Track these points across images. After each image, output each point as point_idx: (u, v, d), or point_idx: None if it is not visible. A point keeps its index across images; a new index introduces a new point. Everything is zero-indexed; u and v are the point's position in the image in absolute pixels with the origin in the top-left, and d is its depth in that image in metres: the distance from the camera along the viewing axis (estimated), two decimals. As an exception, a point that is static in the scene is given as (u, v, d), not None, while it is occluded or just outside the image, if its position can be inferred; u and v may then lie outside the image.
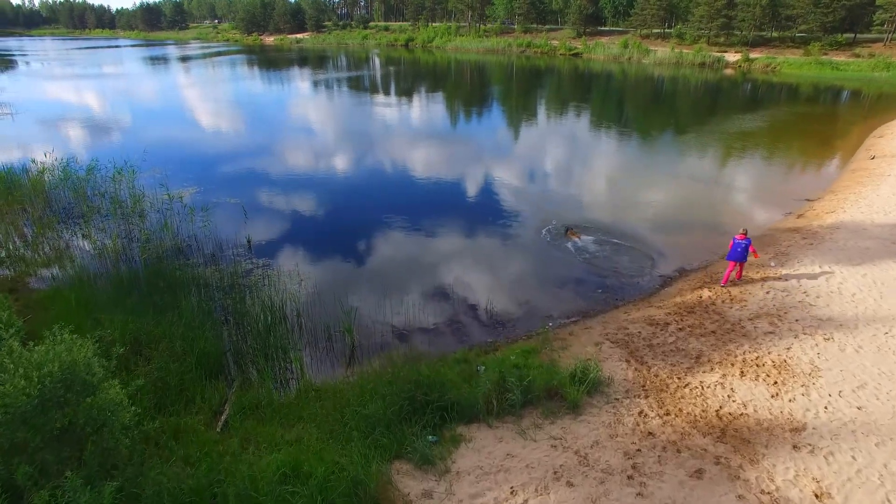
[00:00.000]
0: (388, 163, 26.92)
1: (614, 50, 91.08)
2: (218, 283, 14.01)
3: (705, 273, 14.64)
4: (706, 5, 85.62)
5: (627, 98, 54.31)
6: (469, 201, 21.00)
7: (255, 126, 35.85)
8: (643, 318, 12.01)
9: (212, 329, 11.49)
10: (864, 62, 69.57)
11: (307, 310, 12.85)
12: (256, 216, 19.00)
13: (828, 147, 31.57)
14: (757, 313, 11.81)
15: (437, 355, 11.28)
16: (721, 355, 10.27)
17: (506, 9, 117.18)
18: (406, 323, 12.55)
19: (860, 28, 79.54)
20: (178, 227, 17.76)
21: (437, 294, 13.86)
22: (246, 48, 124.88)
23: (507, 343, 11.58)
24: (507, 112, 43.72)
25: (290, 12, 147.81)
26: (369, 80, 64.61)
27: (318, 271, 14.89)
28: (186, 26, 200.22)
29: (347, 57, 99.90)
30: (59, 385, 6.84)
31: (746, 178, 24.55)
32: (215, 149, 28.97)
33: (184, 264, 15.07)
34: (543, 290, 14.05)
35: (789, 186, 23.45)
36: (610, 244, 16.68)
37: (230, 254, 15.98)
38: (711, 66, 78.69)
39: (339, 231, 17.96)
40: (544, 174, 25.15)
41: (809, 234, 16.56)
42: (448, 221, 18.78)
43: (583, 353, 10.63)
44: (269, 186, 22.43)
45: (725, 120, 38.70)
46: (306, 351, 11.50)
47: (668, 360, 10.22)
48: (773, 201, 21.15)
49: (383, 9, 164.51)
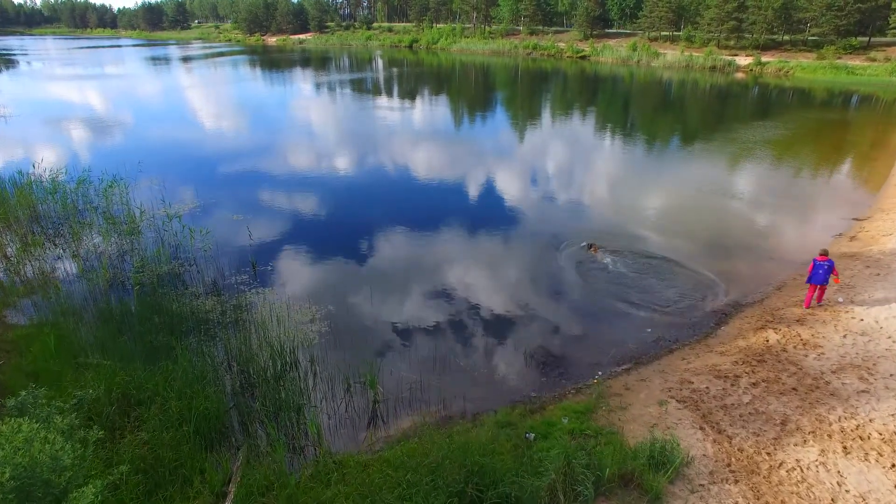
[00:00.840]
0: (401, 177, 25.37)
1: (622, 53, 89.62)
2: (220, 319, 12.46)
3: (763, 309, 13.08)
4: (716, 8, 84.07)
5: (639, 103, 52.74)
6: (490, 219, 19.40)
7: (259, 133, 34.33)
8: (707, 369, 10.46)
9: (213, 380, 9.95)
10: (880, 66, 67.95)
11: (321, 354, 11.29)
12: (262, 236, 17.44)
13: (860, 157, 30.02)
14: (840, 364, 10.25)
15: (473, 413, 9.76)
16: (812, 422, 8.72)
17: (511, 10, 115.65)
18: (432, 370, 11.00)
19: (874, 31, 77.91)
20: (176, 248, 16.23)
21: (464, 336, 12.30)
22: (248, 49, 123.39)
23: (554, 399, 10.02)
24: (519, 118, 42.16)
25: (293, 13, 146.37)
26: (376, 83, 63.08)
27: (331, 305, 13.29)
28: (188, 26, 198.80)
29: (351, 58, 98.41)
30: (12, 497, 5.30)
31: (782, 193, 22.97)
32: (217, 158, 27.41)
33: (181, 294, 13.53)
34: (585, 330, 12.49)
35: (831, 203, 21.89)
36: (647, 270, 15.16)
37: (233, 281, 14.43)
38: (722, 69, 77.22)
39: (353, 256, 16.40)
40: (564, 186, 23.57)
41: (872, 261, 15.01)
42: (468, 245, 17.25)
43: (647, 416, 9.09)
44: (275, 202, 20.87)
45: (745, 127, 37.11)
46: (322, 407, 9.94)
47: (749, 428, 8.67)
48: (818, 220, 19.61)
49: (386, 10, 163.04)
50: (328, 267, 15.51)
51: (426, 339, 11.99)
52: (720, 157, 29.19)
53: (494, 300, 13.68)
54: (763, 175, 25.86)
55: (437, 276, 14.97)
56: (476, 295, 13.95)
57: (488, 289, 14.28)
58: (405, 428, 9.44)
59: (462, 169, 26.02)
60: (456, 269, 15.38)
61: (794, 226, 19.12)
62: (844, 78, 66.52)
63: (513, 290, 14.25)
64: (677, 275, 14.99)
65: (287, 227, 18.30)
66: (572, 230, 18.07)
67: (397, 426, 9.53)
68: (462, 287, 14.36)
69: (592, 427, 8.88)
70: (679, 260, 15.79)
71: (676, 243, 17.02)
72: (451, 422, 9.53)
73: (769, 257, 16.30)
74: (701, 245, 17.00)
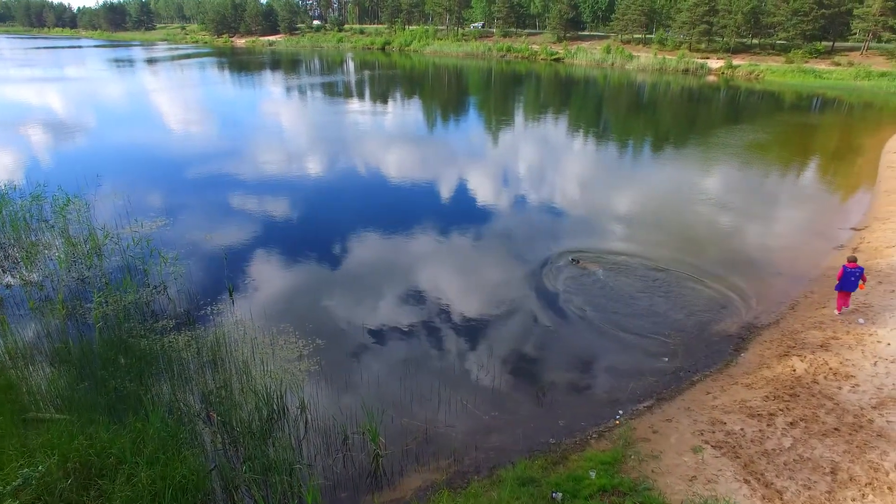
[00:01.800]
0: (384, 187, 24.15)
1: (596, 55, 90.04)
2: (195, 359, 11.11)
3: (781, 332, 12.38)
4: (688, 11, 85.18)
5: (615, 106, 52.60)
6: (474, 236, 18.39)
7: (229, 141, 32.63)
8: (737, 405, 9.63)
9: (190, 438, 8.67)
10: (845, 70, 69.62)
11: (313, 398, 10.06)
12: (238, 258, 16.05)
13: (843, 163, 30.08)
14: (879, 398, 9.54)
15: (488, 467, 8.70)
16: (865, 471, 7.94)
17: (484, 12, 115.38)
18: (437, 415, 9.89)
19: (836, 37, 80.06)
20: (144, 273, 14.73)
21: (468, 375, 11.23)
22: (216, 51, 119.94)
23: (576, 446, 9.03)
24: (494, 122, 41.35)
25: (262, 14, 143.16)
26: (348, 86, 61.58)
27: (320, 339, 12.02)
28: (153, 27, 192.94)
29: (323, 61, 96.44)
30: None
31: (773, 202, 22.63)
32: (186, 169, 25.68)
33: (150, 329, 12.13)
34: (597, 362, 11.55)
35: (824, 212, 21.59)
36: (649, 288, 14.38)
37: (209, 311, 13.05)
38: (695, 72, 78.13)
39: (340, 280, 15.17)
40: (547, 195, 22.68)
41: (883, 276, 14.51)
42: (456, 268, 16.20)
43: (682, 467, 8.18)
44: (250, 218, 19.43)
45: (723, 131, 37.10)
46: (316, 463, 8.74)
47: (797, 480, 7.83)
48: (816, 231, 19.20)
49: (357, 11, 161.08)
50: (313, 293, 14.21)
51: (427, 379, 10.86)
52: (702, 163, 28.86)
53: (492, 333, 12.59)
54: (749, 182, 25.55)
55: (430, 306, 13.81)
56: (472, 328, 12.87)
57: (483, 320, 13.20)
58: (414, 488, 8.33)
59: (448, 179, 24.98)
60: (448, 298, 14.29)
61: (793, 238, 18.63)
62: (812, 81, 67.87)
63: (512, 320, 13.18)
64: (682, 292, 14.25)
65: (265, 247, 16.92)
66: (560, 244, 17.21)
67: (404, 485, 8.41)
68: (458, 319, 13.27)
69: (625, 482, 7.92)
70: (680, 276, 15.06)
71: (673, 257, 16.29)
72: (466, 478, 8.46)
73: (775, 272, 15.71)
74: (698, 258, 16.30)
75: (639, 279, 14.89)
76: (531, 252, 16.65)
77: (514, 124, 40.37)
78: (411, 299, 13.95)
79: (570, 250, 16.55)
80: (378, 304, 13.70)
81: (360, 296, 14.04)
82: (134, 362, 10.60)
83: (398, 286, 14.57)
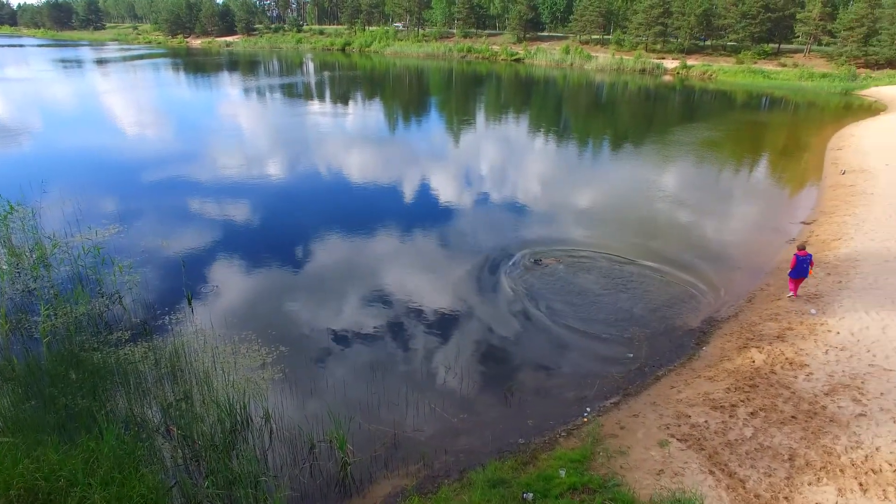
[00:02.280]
0: (343, 187, 23.85)
1: (556, 55, 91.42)
2: (153, 371, 10.67)
3: (740, 325, 12.76)
4: (643, 13, 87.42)
5: (575, 105, 53.54)
6: (430, 235, 18.38)
7: (184, 143, 31.63)
8: (701, 398, 9.86)
9: (148, 454, 8.30)
10: (790, 71, 72.80)
11: (278, 407, 9.79)
12: (196, 264, 15.51)
13: (791, 159, 31.36)
14: (830, 385, 9.93)
15: (459, 470, 8.64)
16: (820, 456, 8.23)
17: (444, 13, 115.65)
18: (405, 419, 9.78)
19: (781, 40, 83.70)
20: (96, 283, 14.09)
21: (435, 377, 11.15)
22: (171, 51, 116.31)
23: (546, 445, 9.06)
24: (455, 122, 41.45)
25: (219, 14, 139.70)
26: (308, 88, 60.68)
27: (283, 346, 11.71)
28: (102, 26, 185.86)
29: (282, 62, 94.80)
30: None
31: (726, 198, 23.41)
32: (140, 173, 24.70)
33: (104, 341, 11.60)
34: (564, 360, 11.64)
35: (775, 207, 22.45)
36: (613, 286, 14.59)
37: (167, 321, 12.57)
38: (651, 72, 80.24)
39: (303, 284, 14.86)
40: (508, 193, 22.81)
41: (831, 268, 15.15)
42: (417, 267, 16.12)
43: (650, 461, 8.31)
44: (207, 223, 18.83)
45: (679, 129, 38.23)
46: (283, 474, 8.50)
47: (759, 468, 8.06)
48: (769, 225, 19.92)
49: (316, 12, 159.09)
50: (275, 299, 13.85)
51: (394, 383, 10.73)
52: (660, 161, 29.59)
53: (457, 334, 12.52)
54: (704, 179, 26.39)
55: (394, 308, 13.65)
56: (437, 330, 12.78)
57: (447, 321, 13.13)
58: (384, 495, 8.19)
59: (409, 180, 24.85)
60: (411, 300, 14.17)
61: (747, 232, 19.27)
62: (761, 81, 70.65)
63: (476, 321, 13.15)
64: (643, 288, 14.53)
65: (225, 252, 16.43)
66: (522, 241, 17.34)
67: (373, 493, 8.26)
68: (422, 321, 13.18)
69: (594, 479, 7.98)
70: (641, 272, 15.36)
71: (633, 253, 16.58)
72: (436, 483, 8.37)
73: (733, 266, 16.21)
74: (657, 254, 16.63)
75: (601, 276, 15.11)
76: (494, 251, 16.67)
77: (475, 124, 40.54)
78: (375, 302, 13.79)
79: (532, 248, 16.69)
80: (342, 308, 13.48)
81: (324, 300, 13.78)
82: (86, 377, 10.09)
83: (361, 289, 14.37)
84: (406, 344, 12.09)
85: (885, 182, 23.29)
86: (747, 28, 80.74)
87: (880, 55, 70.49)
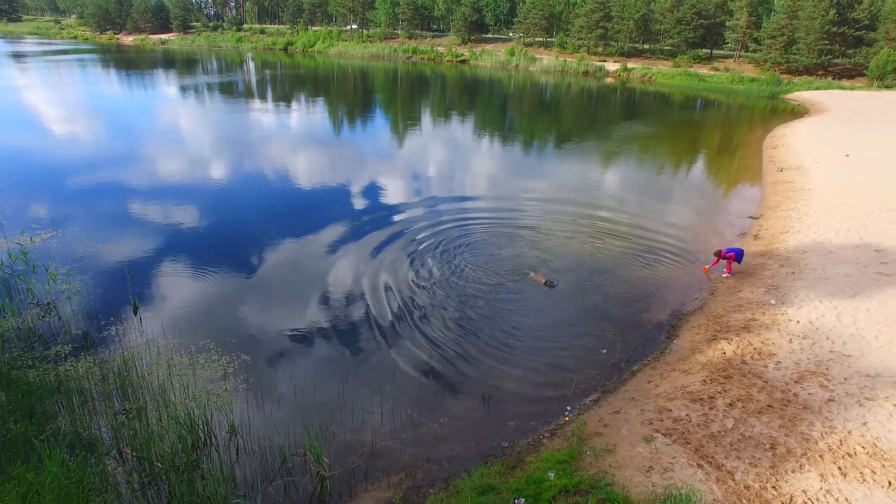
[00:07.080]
0: (289, 186, 22.93)
1: (501, 57, 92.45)
2: (100, 388, 9.69)
3: (706, 317, 13.02)
4: (585, 17, 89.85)
5: (520, 105, 54.23)
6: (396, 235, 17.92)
7: (120, 143, 29.54)
8: (680, 392, 9.90)
9: (100, 482, 7.45)
10: (723, 75, 76.71)
11: (244, 420, 9.08)
12: (141, 269, 14.35)
13: (734, 158, 32.85)
14: (798, 372, 10.20)
15: (444, 478, 8.25)
16: (799, 443, 8.37)
17: (388, 14, 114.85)
18: (383, 426, 9.30)
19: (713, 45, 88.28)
20: (26, 294, 12.77)
21: (410, 381, 10.70)
22: (99, 48, 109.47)
23: (531, 447, 8.81)
24: (404, 123, 41.02)
25: (152, 10, 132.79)
26: (249, 87, 58.57)
27: (245, 354, 10.94)
28: (18, 18, 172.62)
29: (221, 61, 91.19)
30: None
31: (673, 194, 24.15)
32: (72, 175, 22.82)
33: (40, 357, 10.46)
34: (541, 360, 11.39)
35: (723, 202, 23.33)
36: (575, 281, 14.62)
37: (112, 332, 11.51)
38: (594, 74, 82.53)
39: (259, 287, 14.03)
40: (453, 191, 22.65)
41: (783, 259, 15.76)
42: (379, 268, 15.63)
43: (638, 458, 8.21)
44: (150, 225, 17.57)
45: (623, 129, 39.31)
46: (255, 492, 7.83)
47: (744, 458, 8.11)
48: (720, 220, 20.65)
49: (256, 10, 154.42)
50: (233, 304, 12.99)
51: (368, 390, 10.21)
52: (607, 160, 30.23)
53: (430, 337, 12.09)
54: (649, 176, 27.18)
55: (361, 309, 13.15)
56: (408, 333, 12.34)
57: (418, 324, 12.73)
58: (367, 514, 7.70)
59: (358, 180, 24.22)
60: (378, 301, 13.68)
61: (701, 227, 19.83)
62: (697, 84, 74.08)
63: (448, 322, 12.83)
64: (609, 284, 14.61)
65: (173, 256, 15.33)
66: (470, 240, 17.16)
67: (356, 512, 7.75)
68: (392, 323, 12.71)
69: (585, 480, 7.79)
70: (605, 268, 15.48)
71: (595, 249, 16.77)
72: (421, 493, 7.95)
73: (692, 259, 16.59)
74: (620, 251, 16.88)
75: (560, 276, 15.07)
76: (448, 251, 16.38)
77: (420, 125, 40.24)
78: (341, 304, 13.19)
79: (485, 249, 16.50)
80: (305, 311, 12.81)
81: (285, 303, 13.06)
82: (20, 398, 9.01)
83: (322, 291, 13.73)
84: (376, 347, 11.59)
85: (818, 178, 24.65)
86: (682, 33, 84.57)
87: (799, 62, 75.54)
